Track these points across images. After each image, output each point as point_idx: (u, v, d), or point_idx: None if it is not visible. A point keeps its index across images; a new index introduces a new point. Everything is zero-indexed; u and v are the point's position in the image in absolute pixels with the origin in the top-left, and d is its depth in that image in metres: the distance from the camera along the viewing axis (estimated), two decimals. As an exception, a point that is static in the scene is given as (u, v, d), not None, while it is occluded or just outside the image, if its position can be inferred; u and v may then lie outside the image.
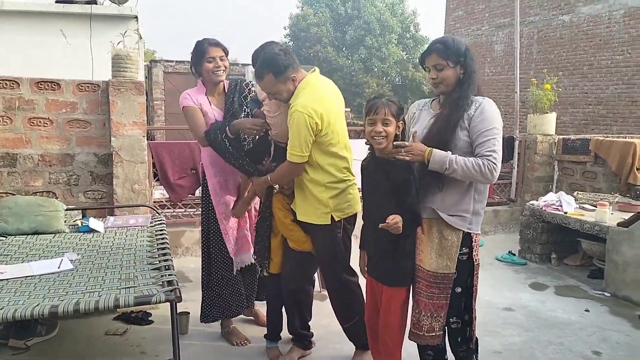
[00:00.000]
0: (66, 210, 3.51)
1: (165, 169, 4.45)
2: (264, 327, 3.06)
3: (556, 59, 11.40)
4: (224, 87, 2.97)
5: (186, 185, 4.54)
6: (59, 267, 2.61)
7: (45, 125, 3.93)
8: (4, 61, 6.29)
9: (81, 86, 3.98)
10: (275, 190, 2.81)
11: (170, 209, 4.76)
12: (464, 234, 2.21)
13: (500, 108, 2.31)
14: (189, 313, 3.18)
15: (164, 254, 2.81)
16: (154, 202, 4.57)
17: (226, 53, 2.87)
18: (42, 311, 2.05)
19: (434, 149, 2.12)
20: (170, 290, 2.23)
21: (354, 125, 8.10)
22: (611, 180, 5.26)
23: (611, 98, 10.25)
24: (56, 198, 3.89)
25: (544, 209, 4.62)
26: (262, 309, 3.21)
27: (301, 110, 2.39)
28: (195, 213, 4.75)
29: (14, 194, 3.78)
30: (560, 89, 6.58)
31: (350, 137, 2.73)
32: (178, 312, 2.46)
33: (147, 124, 4.93)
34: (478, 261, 2.27)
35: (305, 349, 2.91)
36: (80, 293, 2.29)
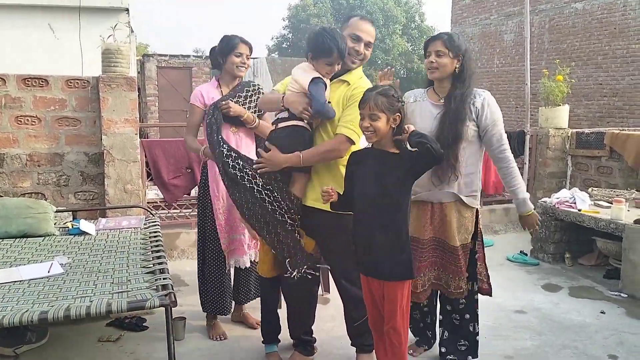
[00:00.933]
0: (56, 212, 3.48)
1: (159, 168, 4.43)
2: (254, 329, 3.14)
3: (569, 48, 11.24)
4: (238, 84, 3.10)
5: (181, 185, 4.52)
6: (49, 272, 2.60)
7: (33, 123, 3.93)
8: (-11, 57, 6.32)
9: (70, 82, 3.95)
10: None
11: (164, 209, 4.72)
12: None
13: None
14: (185, 318, 3.15)
15: (159, 257, 2.80)
16: (148, 203, 4.55)
17: (251, 52, 3.06)
18: (32, 317, 2.03)
19: None
20: (165, 295, 2.23)
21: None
22: (627, 176, 5.15)
23: (627, 89, 10.09)
24: (45, 199, 3.91)
25: (557, 206, 4.55)
26: (251, 312, 3.28)
27: None
28: (191, 214, 4.73)
29: (1, 196, 3.77)
30: (573, 80, 6.45)
31: None
32: (173, 318, 2.44)
33: (140, 121, 4.97)
34: (481, 229, 2.74)
35: (308, 355, 2.84)
36: (71, 298, 2.27)
